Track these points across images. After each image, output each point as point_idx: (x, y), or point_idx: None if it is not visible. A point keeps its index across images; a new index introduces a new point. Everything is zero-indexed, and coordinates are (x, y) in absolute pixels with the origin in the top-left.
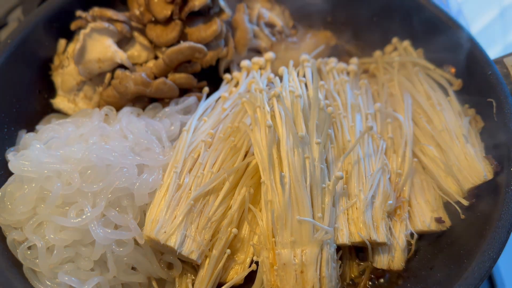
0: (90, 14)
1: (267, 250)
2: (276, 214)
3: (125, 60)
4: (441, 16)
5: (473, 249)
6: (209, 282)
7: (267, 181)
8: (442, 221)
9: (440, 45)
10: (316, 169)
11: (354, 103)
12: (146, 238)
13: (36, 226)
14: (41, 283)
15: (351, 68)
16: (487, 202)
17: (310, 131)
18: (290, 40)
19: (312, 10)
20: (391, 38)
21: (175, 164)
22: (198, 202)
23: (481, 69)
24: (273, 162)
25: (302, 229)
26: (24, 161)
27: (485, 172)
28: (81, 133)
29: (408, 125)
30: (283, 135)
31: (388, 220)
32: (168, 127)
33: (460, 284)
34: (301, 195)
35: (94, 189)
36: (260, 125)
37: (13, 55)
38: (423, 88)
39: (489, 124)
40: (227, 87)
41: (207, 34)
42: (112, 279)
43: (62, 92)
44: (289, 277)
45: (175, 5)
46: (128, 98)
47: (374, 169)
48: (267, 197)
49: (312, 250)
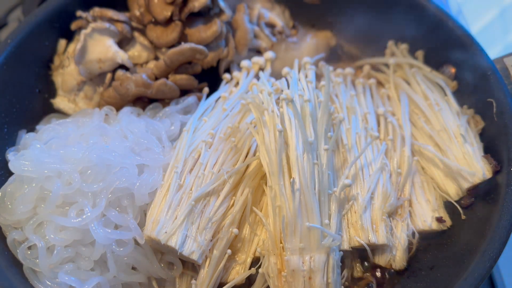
0: (91, 14)
1: (274, 255)
2: (286, 220)
3: (126, 61)
4: (441, 16)
5: (473, 249)
6: (209, 282)
7: (275, 186)
8: (443, 220)
9: (440, 45)
10: (324, 175)
11: (350, 106)
12: (147, 238)
13: (36, 226)
14: (41, 283)
15: (348, 71)
16: (487, 202)
17: (319, 136)
18: (290, 40)
19: (313, 10)
20: (391, 38)
21: (176, 164)
22: (199, 203)
23: (481, 69)
24: (282, 167)
25: (311, 235)
26: (24, 161)
27: (484, 171)
28: (81, 133)
29: (406, 124)
30: (292, 140)
31: (388, 221)
32: (168, 127)
33: (460, 284)
34: (311, 201)
35: (94, 189)
36: (269, 129)
37: (13, 55)
38: (420, 88)
39: (489, 124)
40: (227, 87)
41: (207, 35)
42: (112, 279)
43: (63, 92)
44: (297, 283)
45: (175, 6)
46: (129, 99)
47: (373, 170)
48: (276, 203)
49: (320, 257)
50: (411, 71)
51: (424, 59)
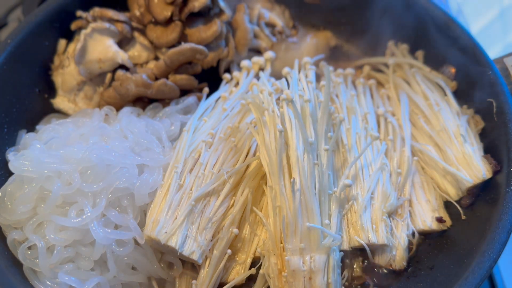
0: (91, 14)
1: (275, 256)
2: (286, 221)
3: (126, 61)
4: (441, 16)
5: (473, 249)
6: (209, 282)
7: (275, 186)
8: (443, 220)
9: (440, 45)
10: (324, 175)
11: (350, 106)
12: (147, 238)
13: (36, 226)
14: (41, 283)
15: (348, 72)
16: (487, 202)
17: (319, 136)
18: (290, 40)
19: (313, 10)
20: (391, 38)
21: (176, 164)
22: (199, 203)
23: (481, 69)
24: (283, 167)
25: (311, 235)
26: (24, 161)
27: (484, 171)
28: (81, 133)
29: (405, 124)
30: (293, 140)
31: (388, 221)
32: (168, 127)
33: (460, 284)
34: (311, 201)
35: (94, 189)
36: (269, 129)
37: (13, 55)
38: (420, 88)
39: (489, 124)
40: (227, 87)
41: (207, 35)
42: (112, 279)
43: (63, 92)
44: (297, 283)
45: (175, 6)
46: (129, 99)
47: (373, 170)
48: (276, 203)
49: (320, 257)
50: (411, 71)
51: (424, 59)
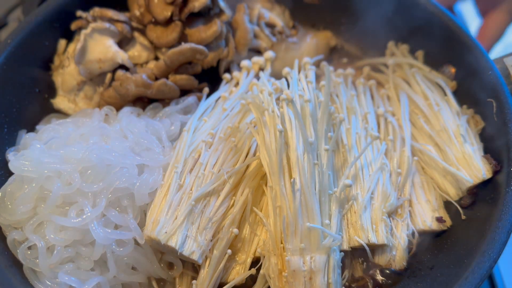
0: (91, 14)
1: (275, 256)
2: (287, 221)
3: (126, 61)
4: (441, 16)
5: (473, 249)
6: (210, 282)
7: (276, 186)
8: (443, 220)
9: (440, 45)
10: (324, 175)
11: (350, 106)
12: (147, 238)
13: (36, 226)
14: (41, 283)
15: (348, 72)
16: (487, 202)
17: (319, 136)
18: (290, 40)
19: (313, 10)
20: (391, 38)
21: (176, 164)
22: (199, 203)
23: (481, 69)
24: (283, 167)
25: (312, 236)
26: (24, 161)
27: (484, 171)
28: (81, 133)
29: (405, 124)
30: (293, 140)
31: (388, 221)
32: (168, 127)
33: (460, 284)
34: (311, 201)
35: (94, 189)
36: (269, 129)
37: (13, 55)
38: (420, 88)
39: (489, 124)
40: (227, 87)
41: (207, 35)
42: (112, 279)
43: (63, 92)
44: (298, 284)
45: (175, 6)
46: (129, 99)
47: (373, 170)
48: (276, 203)
49: (320, 257)
50: (411, 71)
51: (424, 59)
